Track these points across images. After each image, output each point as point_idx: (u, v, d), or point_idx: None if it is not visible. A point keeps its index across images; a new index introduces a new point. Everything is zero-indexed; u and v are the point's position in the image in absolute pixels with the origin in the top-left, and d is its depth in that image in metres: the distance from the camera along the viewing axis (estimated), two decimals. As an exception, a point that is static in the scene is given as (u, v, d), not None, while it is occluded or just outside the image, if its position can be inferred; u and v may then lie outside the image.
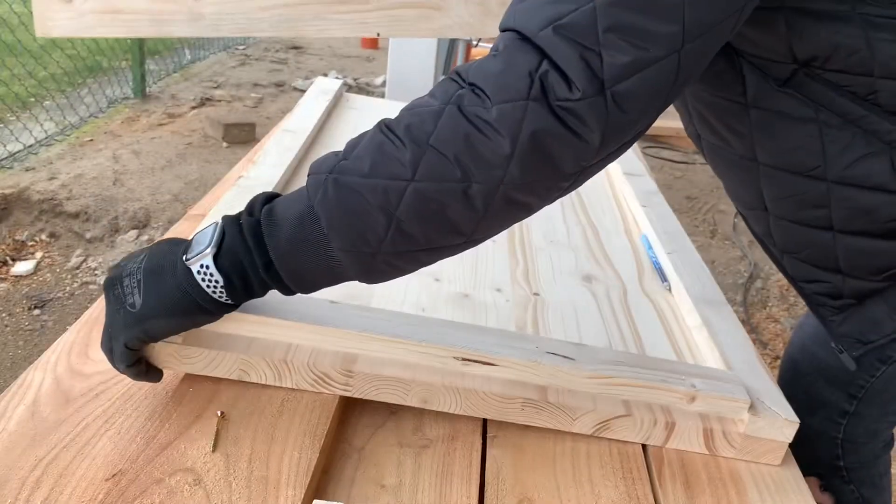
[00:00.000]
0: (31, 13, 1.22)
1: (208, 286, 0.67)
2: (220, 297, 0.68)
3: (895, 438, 1.09)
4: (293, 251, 0.66)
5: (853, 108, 0.75)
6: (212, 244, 0.67)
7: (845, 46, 0.71)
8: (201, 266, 0.67)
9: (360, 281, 0.68)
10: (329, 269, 0.66)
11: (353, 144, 0.66)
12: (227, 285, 0.67)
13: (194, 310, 0.69)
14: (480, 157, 0.61)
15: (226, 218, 0.70)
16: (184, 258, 0.68)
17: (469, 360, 0.76)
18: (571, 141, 0.60)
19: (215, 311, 0.70)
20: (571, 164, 0.62)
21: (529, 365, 0.77)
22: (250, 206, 0.69)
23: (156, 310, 0.68)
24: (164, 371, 0.77)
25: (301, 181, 1.19)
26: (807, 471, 0.96)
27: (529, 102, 0.59)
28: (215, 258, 0.67)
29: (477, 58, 0.68)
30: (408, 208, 0.62)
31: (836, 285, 0.87)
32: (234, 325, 0.76)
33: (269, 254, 0.66)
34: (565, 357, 0.78)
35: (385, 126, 0.65)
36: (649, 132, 4.49)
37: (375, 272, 0.67)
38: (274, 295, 0.74)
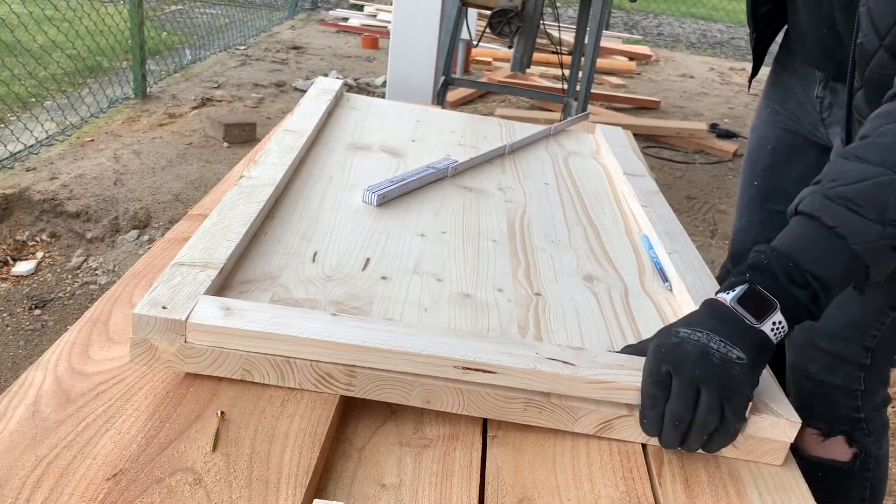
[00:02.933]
0: (31, 13, 1.22)
1: (775, 334, 0.77)
2: (777, 338, 0.77)
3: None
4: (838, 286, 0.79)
5: None
6: (777, 307, 0.77)
7: None
8: (774, 323, 0.77)
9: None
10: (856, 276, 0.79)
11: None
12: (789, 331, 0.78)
13: (767, 357, 0.77)
14: None
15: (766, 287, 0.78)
16: (757, 324, 0.76)
17: (469, 368, 0.76)
18: None
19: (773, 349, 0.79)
20: None
21: (529, 372, 0.77)
22: (790, 278, 0.78)
23: (754, 360, 0.75)
24: (166, 371, 0.77)
25: (301, 181, 1.19)
26: (831, 431, 1.12)
27: None
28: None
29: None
30: None
31: None
32: (235, 339, 0.76)
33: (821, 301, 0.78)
34: (566, 363, 0.78)
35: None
36: (649, 132, 4.49)
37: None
38: (272, 308, 0.79)
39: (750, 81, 1.45)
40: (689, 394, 0.72)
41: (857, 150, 0.82)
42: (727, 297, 0.78)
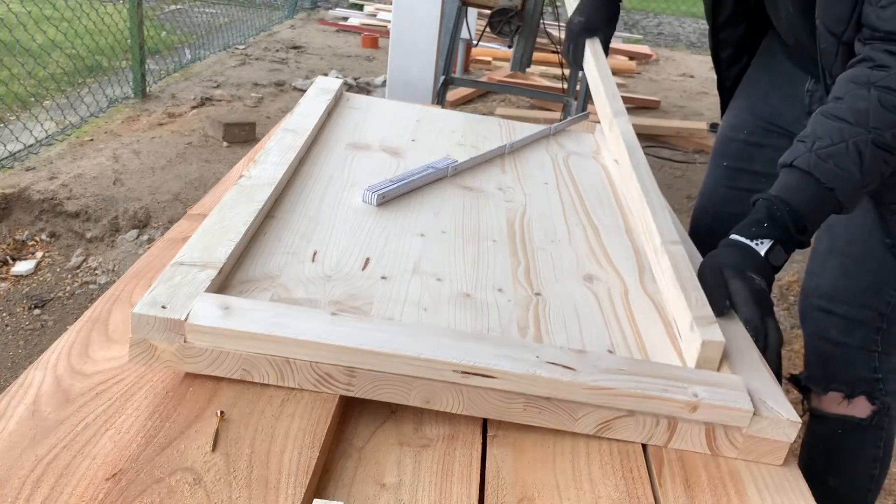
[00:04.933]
0: (30, 13, 1.21)
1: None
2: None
3: None
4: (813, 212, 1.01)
5: None
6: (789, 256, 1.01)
7: None
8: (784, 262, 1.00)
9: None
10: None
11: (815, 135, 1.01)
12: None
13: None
14: None
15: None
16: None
17: (469, 373, 0.76)
18: None
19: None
20: None
21: (529, 377, 0.76)
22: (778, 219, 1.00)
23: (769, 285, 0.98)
24: (165, 371, 0.77)
25: (301, 180, 1.19)
26: (853, 392, 1.25)
27: None
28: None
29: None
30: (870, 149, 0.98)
31: None
32: (234, 341, 0.76)
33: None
34: (566, 367, 0.78)
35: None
36: (649, 132, 4.49)
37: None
38: (271, 308, 0.79)
39: (721, 119, 1.54)
40: (759, 319, 0.94)
41: (836, 110, 1.01)
42: (760, 251, 0.98)
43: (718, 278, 0.97)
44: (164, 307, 0.76)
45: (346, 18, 7.07)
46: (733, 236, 1.01)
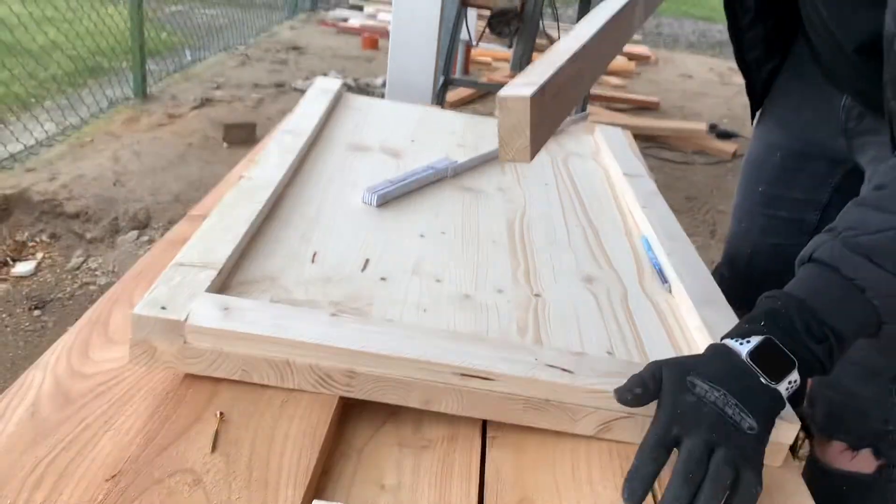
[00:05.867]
0: (31, 14, 1.21)
1: (788, 392, 0.73)
2: (789, 394, 0.74)
3: None
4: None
5: None
6: (795, 367, 0.73)
7: None
8: (790, 382, 0.73)
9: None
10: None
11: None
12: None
13: (777, 414, 0.74)
14: None
15: (773, 336, 0.74)
16: (773, 384, 0.72)
17: (468, 375, 0.76)
18: None
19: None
20: None
21: (528, 380, 0.77)
22: (791, 327, 0.74)
23: (766, 428, 0.71)
24: (165, 371, 0.77)
25: (301, 181, 1.19)
26: (859, 444, 1.11)
27: None
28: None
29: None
30: None
31: None
32: (233, 342, 0.76)
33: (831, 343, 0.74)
34: (564, 370, 0.78)
35: None
36: (648, 132, 4.49)
37: None
38: (271, 309, 0.79)
39: (752, 125, 1.42)
40: (703, 453, 0.66)
41: (877, 199, 0.78)
42: (742, 350, 0.73)
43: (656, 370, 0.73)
44: (163, 308, 0.76)
45: (346, 19, 7.07)
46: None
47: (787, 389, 0.73)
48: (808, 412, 1.19)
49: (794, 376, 0.73)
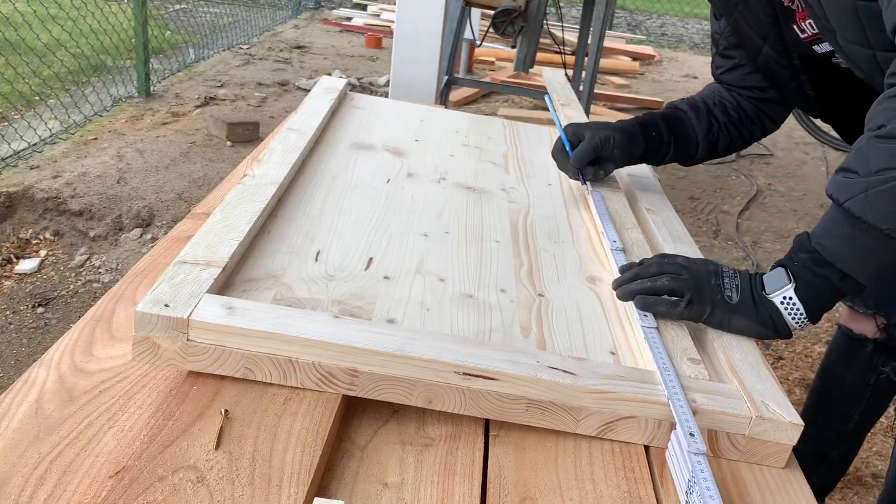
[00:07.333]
0: (35, 12, 1.21)
1: (791, 314, 0.89)
2: (798, 322, 0.90)
3: None
4: (858, 256, 0.86)
5: None
6: (790, 282, 0.89)
7: None
8: (784, 298, 0.89)
9: None
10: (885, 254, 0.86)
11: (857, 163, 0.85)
12: (807, 310, 0.89)
13: (770, 329, 0.90)
14: None
15: (782, 262, 0.92)
16: (764, 293, 0.91)
17: (471, 375, 0.76)
18: None
19: (787, 335, 0.92)
20: None
21: (530, 380, 0.77)
22: (797, 248, 0.91)
23: (745, 311, 0.90)
24: (169, 369, 0.78)
25: (305, 180, 1.19)
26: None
27: None
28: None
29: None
30: None
31: None
32: (238, 339, 0.76)
33: (841, 268, 0.86)
34: (566, 372, 0.78)
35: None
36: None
37: None
38: (276, 310, 0.80)
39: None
40: (663, 268, 0.95)
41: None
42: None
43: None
44: (167, 305, 0.76)
45: (349, 18, 7.07)
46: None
47: (783, 303, 0.90)
48: None
49: (789, 293, 0.89)
